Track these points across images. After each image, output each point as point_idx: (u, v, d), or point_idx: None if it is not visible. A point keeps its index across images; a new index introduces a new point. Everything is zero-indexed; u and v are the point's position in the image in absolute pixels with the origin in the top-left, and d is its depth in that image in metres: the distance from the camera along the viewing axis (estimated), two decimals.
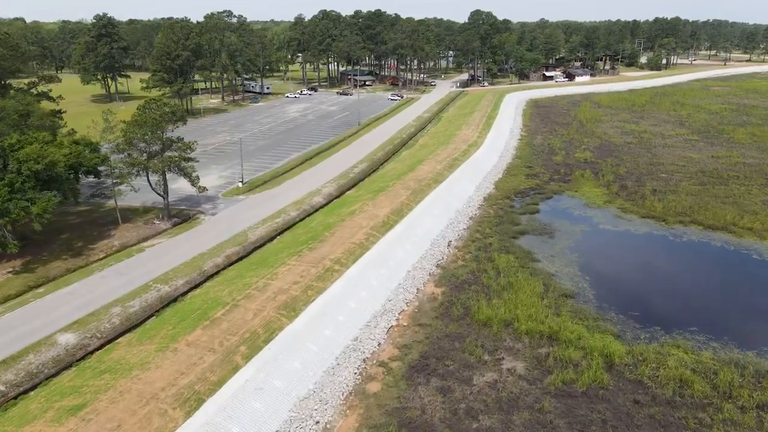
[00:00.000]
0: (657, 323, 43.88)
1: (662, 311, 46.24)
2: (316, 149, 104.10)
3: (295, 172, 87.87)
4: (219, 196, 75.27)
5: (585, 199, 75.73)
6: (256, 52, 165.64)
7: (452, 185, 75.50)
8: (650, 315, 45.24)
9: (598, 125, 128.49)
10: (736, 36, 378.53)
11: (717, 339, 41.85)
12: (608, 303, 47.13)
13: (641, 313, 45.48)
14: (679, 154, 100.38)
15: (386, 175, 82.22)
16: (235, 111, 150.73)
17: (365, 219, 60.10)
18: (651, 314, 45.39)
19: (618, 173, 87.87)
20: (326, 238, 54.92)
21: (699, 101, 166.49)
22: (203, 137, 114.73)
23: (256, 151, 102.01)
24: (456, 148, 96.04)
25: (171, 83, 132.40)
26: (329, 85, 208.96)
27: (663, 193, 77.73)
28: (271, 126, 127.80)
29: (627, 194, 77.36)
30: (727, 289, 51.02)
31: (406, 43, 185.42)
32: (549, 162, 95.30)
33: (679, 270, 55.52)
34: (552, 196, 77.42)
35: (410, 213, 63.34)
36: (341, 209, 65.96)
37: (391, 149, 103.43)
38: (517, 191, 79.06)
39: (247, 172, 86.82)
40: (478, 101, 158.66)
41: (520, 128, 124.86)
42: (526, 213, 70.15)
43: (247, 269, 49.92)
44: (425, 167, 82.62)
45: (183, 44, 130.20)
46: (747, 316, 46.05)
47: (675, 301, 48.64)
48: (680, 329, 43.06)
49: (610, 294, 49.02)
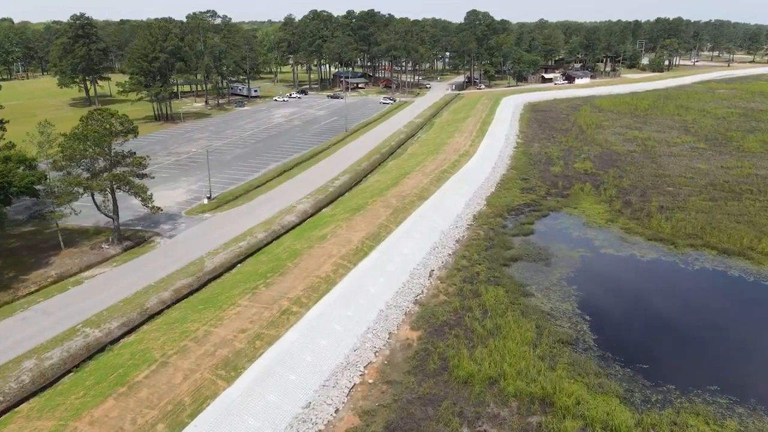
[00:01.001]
0: (670, 380, 36.91)
1: (676, 363, 39.24)
2: (297, 158, 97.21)
3: (271, 185, 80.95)
4: (182, 214, 68.36)
5: (585, 218, 68.81)
6: (242, 54, 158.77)
7: (439, 202, 68.59)
8: (662, 369, 38.26)
9: (599, 131, 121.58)
10: (739, 37, 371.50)
11: (743, 402, 34.91)
12: (612, 352, 40.17)
13: (651, 365, 38.52)
14: (686, 165, 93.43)
15: (368, 190, 75.31)
16: (219, 115, 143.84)
17: (336, 245, 53.18)
18: (663, 368, 38.41)
19: (621, 186, 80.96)
20: (288, 270, 47.98)
21: (704, 105, 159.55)
22: (178, 144, 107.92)
23: (233, 161, 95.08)
24: (446, 158, 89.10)
25: (149, 86, 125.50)
26: (321, 88, 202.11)
27: (671, 210, 70.81)
28: (253, 132, 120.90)
29: (631, 212, 70.43)
30: (751, 335, 44.05)
31: (399, 45, 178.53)
32: (546, 173, 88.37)
33: (693, 308, 48.52)
34: (548, 213, 70.48)
35: (389, 237, 56.41)
36: (312, 231, 59.03)
37: (377, 158, 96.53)
38: (510, 208, 72.13)
39: (219, 185, 79.98)
40: (473, 105, 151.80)
41: (516, 135, 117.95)
42: (520, 234, 63.24)
43: (194, 309, 42.97)
44: (411, 181, 75.69)
45: (161, 46, 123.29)
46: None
47: (690, 349, 41.63)
48: (698, 388, 36.10)
49: (615, 339, 42.05)
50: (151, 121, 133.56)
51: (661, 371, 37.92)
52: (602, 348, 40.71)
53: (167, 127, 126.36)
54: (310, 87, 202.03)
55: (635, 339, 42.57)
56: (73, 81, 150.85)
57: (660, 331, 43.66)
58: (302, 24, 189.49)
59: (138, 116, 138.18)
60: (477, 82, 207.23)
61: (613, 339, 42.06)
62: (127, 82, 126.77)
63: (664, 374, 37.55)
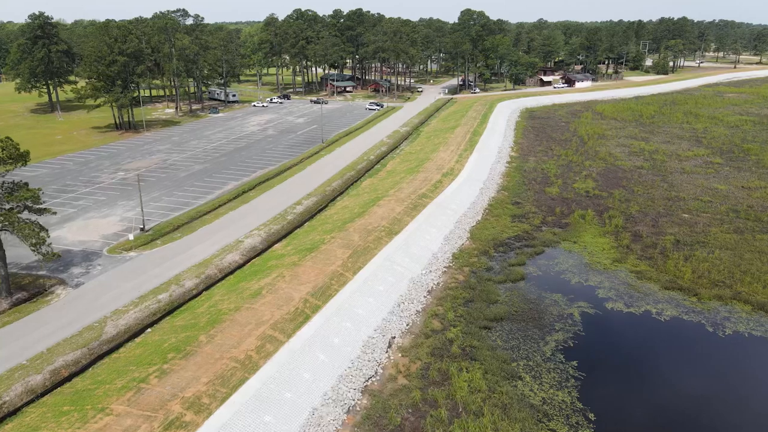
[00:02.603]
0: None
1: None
2: (261, 176, 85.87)
3: (222, 212, 69.61)
4: (103, 252, 57.01)
5: (587, 256, 57.50)
6: (217, 56, 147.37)
7: (411, 238, 57.24)
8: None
9: (602, 143, 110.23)
10: (745, 37, 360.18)
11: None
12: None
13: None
14: (701, 184, 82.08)
15: (330, 220, 63.97)
16: (188, 123, 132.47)
17: (272, 305, 41.87)
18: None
19: (628, 213, 69.64)
20: (198, 347, 36.66)
21: (714, 111, 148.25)
22: (132, 158, 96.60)
23: (186, 180, 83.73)
24: (427, 178, 77.74)
25: (108, 92, 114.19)
26: (306, 92, 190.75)
27: (689, 245, 59.48)
28: (219, 143, 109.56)
29: (642, 248, 59.10)
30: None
31: (387, 46, 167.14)
32: (542, 196, 77.03)
33: (731, 399, 37.14)
34: (543, 250, 59.13)
35: (341, 291, 45.10)
36: (250, 281, 47.70)
37: (351, 176, 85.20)
38: (498, 242, 60.81)
39: (161, 212, 68.73)
40: (465, 112, 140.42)
41: (510, 146, 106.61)
42: (508, 280, 51.93)
43: (54, 414, 31.62)
44: (381, 209, 64.32)
45: (120, 48, 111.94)
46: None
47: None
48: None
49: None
50: (112, 130, 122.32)
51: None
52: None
53: (127, 137, 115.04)
54: (294, 91, 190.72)
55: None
56: (33, 86, 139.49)
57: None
58: (285, 24, 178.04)
59: (100, 124, 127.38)
60: (471, 85, 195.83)
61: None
62: (83, 87, 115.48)
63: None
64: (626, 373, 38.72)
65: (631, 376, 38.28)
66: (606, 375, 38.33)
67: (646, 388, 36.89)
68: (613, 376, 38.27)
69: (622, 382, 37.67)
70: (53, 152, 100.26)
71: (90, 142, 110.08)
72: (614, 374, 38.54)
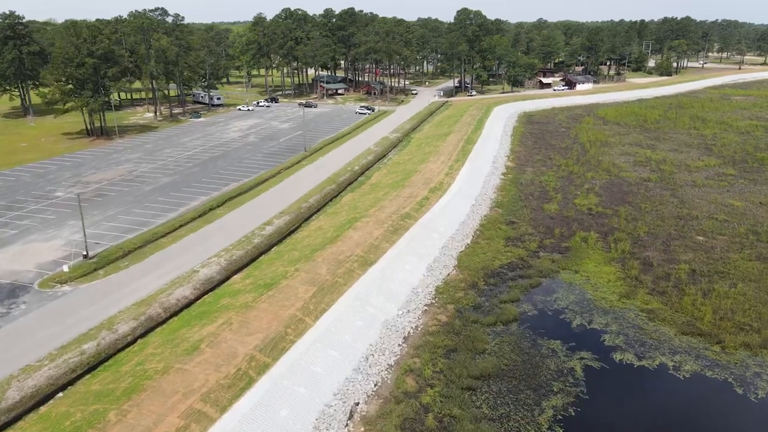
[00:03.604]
0: None
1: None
2: (234, 190, 78.51)
3: (181, 234, 62.27)
4: (34, 285, 49.66)
5: (590, 289, 50.14)
6: (199, 58, 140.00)
7: (389, 270, 49.87)
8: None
9: (605, 151, 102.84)
10: (749, 37, 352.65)
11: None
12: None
13: None
14: (714, 200, 74.70)
15: (299, 245, 56.60)
16: (166, 129, 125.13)
17: (207, 367, 34.52)
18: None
19: (636, 235, 62.27)
20: (106, 428, 29.26)
21: (722, 115, 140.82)
22: (96, 169, 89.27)
23: (150, 195, 76.38)
24: (412, 194, 70.36)
25: (77, 96, 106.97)
26: (297, 94, 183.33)
27: (707, 276, 52.13)
28: (195, 152, 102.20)
29: (653, 279, 51.73)
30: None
31: (379, 47, 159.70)
32: (539, 214, 69.66)
33: None
34: (540, 282, 51.76)
35: (297, 342, 37.76)
36: (192, 329, 40.36)
37: (331, 190, 77.87)
38: (489, 271, 53.47)
39: (115, 233, 61.44)
40: (460, 116, 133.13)
41: (507, 155, 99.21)
42: (498, 322, 44.57)
43: None
44: (357, 233, 56.96)
45: (89, 49, 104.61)
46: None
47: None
48: None
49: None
50: (83, 136, 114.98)
51: None
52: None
53: (98, 145, 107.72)
54: (283, 93, 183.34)
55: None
56: (4, 89, 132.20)
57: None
58: (273, 24, 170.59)
59: (72, 130, 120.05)
60: (468, 87, 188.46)
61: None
62: (50, 91, 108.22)
63: None
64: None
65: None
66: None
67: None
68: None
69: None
70: (12, 162, 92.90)
71: (56, 150, 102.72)
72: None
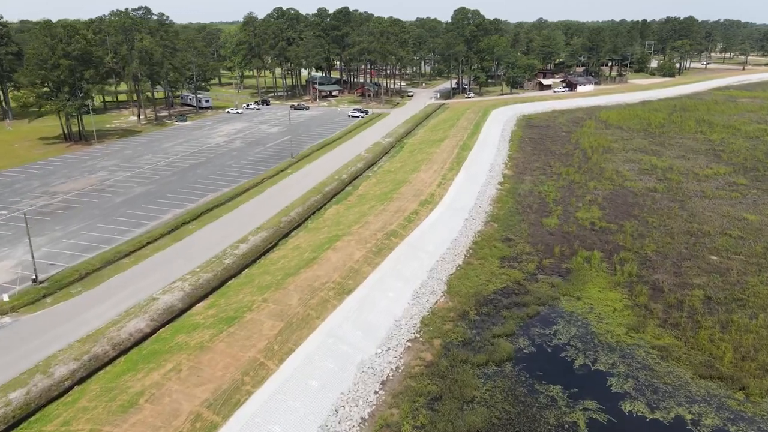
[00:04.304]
0: None
1: None
2: (211, 201, 73.30)
3: (145, 253, 56.99)
4: None
5: (594, 321, 44.84)
6: (185, 59, 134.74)
7: (369, 298, 44.58)
8: None
9: (608, 158, 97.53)
10: (752, 37, 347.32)
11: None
12: None
13: None
14: (727, 213, 69.39)
15: (273, 268, 51.30)
16: (149, 133, 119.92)
17: (144, 428, 29.22)
18: None
19: (643, 255, 56.98)
20: None
21: (729, 119, 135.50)
22: (67, 178, 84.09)
23: (120, 207, 71.14)
24: (400, 208, 65.03)
25: (54, 98, 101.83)
26: (290, 96, 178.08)
27: (724, 305, 46.84)
28: (175, 158, 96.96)
29: (664, 308, 46.43)
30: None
31: (374, 47, 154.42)
32: (538, 229, 64.36)
33: None
34: (539, 311, 46.47)
35: (256, 393, 32.45)
36: (135, 375, 35.06)
37: (315, 202, 72.62)
38: (482, 298, 48.20)
39: (73, 252, 56.22)
40: (456, 120, 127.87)
41: (504, 163, 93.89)
42: (490, 362, 39.30)
43: None
44: (336, 255, 51.67)
45: (64, 50, 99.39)
46: None
47: None
48: None
49: None
50: (61, 141, 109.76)
51: None
52: None
53: (74, 150, 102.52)
54: (276, 95, 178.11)
55: None
56: None
57: None
58: (264, 24, 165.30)
59: (50, 135, 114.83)
60: (466, 89, 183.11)
61: None
62: (24, 94, 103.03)
63: None
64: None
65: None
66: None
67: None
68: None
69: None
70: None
71: (30, 157, 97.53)
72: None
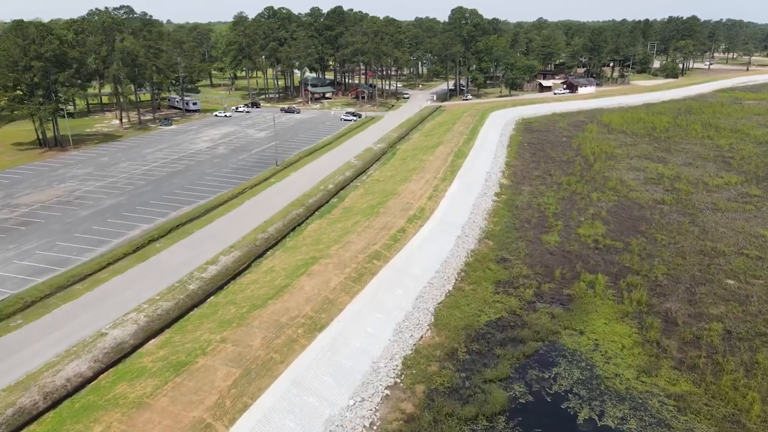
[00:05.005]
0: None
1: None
2: (184, 215, 67.85)
3: (102, 277, 51.56)
4: None
5: (600, 361, 39.40)
6: (171, 60, 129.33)
7: (344, 336, 39.14)
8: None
9: (611, 165, 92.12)
10: (756, 38, 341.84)
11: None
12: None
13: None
14: (741, 228, 63.95)
15: (239, 297, 45.89)
16: (131, 138, 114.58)
17: None
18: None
19: (653, 278, 51.61)
20: None
21: (736, 122, 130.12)
22: (33, 188, 78.75)
23: (85, 221, 65.74)
24: (386, 224, 59.58)
25: (28, 102, 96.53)
26: (281, 98, 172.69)
27: (746, 340, 41.44)
28: (154, 166, 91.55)
29: (679, 345, 41.02)
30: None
31: (367, 48, 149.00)
32: (537, 247, 58.94)
33: None
34: (537, 348, 41.04)
35: None
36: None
37: (297, 216, 67.21)
38: (473, 332, 42.80)
39: (23, 276, 50.88)
40: (452, 124, 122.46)
41: (502, 170, 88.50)
42: (481, 416, 33.91)
43: None
44: (311, 281, 46.25)
45: (36, 51, 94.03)
46: None
47: None
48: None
49: None
50: (35, 147, 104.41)
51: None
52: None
53: (48, 157, 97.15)
54: (267, 97, 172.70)
55: None
56: None
57: None
58: (254, 24, 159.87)
59: (26, 140, 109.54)
60: (464, 90, 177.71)
61: None
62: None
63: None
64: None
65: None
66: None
67: None
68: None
69: None
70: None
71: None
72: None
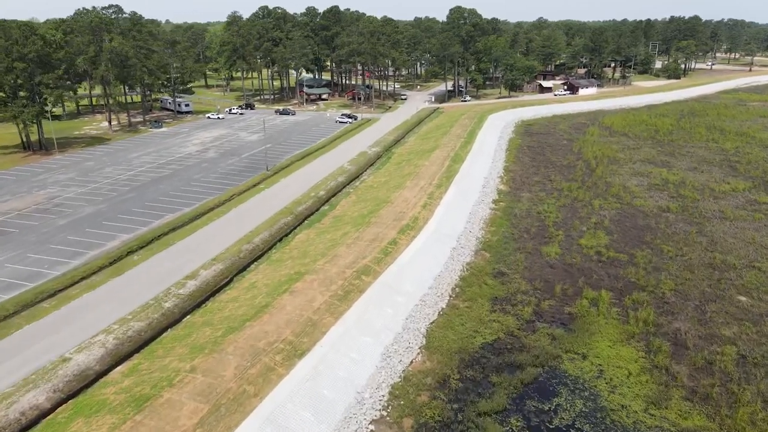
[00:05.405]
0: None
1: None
2: (165, 224, 64.60)
3: (72, 294, 48.34)
4: None
5: (605, 390, 36.24)
6: (161, 61, 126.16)
7: (327, 362, 35.96)
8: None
9: (613, 170, 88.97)
10: (758, 38, 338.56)
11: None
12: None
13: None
14: (752, 239, 60.77)
15: (217, 317, 42.72)
16: (119, 141, 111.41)
17: None
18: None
19: (660, 294, 48.47)
20: None
21: (741, 125, 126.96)
22: (12, 195, 75.70)
23: (61, 231, 62.55)
24: (378, 236, 56.41)
25: (7, 105, 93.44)
26: (277, 99, 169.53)
27: (762, 366, 38.31)
28: (139, 171, 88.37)
29: (690, 372, 37.87)
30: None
31: (363, 48, 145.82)
32: (536, 260, 55.76)
33: None
34: (536, 375, 37.87)
35: None
36: None
37: (285, 225, 64.01)
38: (467, 357, 39.64)
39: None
40: (450, 126, 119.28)
41: (500, 175, 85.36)
42: None
43: None
44: (294, 300, 43.08)
45: (19, 52, 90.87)
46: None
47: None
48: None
49: None
50: (19, 150, 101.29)
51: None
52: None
53: (31, 161, 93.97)
54: (262, 99, 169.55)
55: None
56: None
57: None
58: (249, 23, 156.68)
59: (10, 143, 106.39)
60: (462, 92, 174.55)
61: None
62: None
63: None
64: None
65: None
66: None
67: None
68: None
69: None
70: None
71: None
72: None
